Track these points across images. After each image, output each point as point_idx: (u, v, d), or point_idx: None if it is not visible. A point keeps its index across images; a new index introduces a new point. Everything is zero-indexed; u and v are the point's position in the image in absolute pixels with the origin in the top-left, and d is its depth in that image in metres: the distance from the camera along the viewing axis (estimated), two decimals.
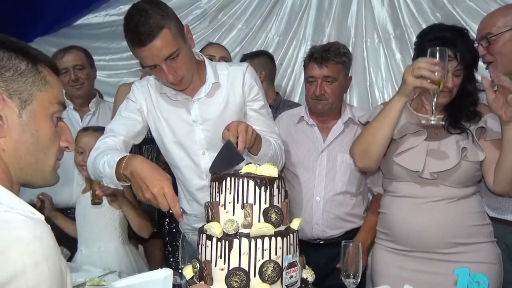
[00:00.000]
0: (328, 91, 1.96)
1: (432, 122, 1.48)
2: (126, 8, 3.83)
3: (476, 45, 1.88)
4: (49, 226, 0.78)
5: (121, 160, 1.35)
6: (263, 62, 2.73)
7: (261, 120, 1.71)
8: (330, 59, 1.94)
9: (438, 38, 1.67)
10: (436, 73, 1.43)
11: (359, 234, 1.95)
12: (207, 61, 1.70)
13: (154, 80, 1.70)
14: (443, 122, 1.55)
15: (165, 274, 1.16)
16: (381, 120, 1.61)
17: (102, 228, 2.06)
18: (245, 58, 2.81)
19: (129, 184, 1.37)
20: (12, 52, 0.84)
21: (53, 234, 0.77)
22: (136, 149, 2.34)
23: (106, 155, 1.44)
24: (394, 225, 1.71)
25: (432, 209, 1.65)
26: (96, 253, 2.02)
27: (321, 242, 2.00)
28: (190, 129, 1.66)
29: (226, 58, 2.39)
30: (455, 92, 1.67)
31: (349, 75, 2.07)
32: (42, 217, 0.79)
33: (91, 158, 1.53)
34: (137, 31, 1.42)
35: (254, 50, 3.44)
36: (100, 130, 2.06)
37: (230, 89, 1.66)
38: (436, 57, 1.45)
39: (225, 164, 1.34)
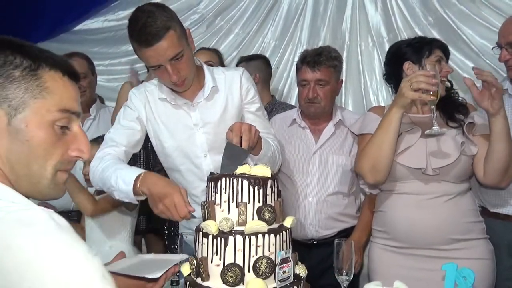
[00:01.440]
0: (320, 94, 2.01)
1: (436, 131, 1.55)
2: (124, 13, 3.92)
3: (496, 48, 1.96)
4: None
5: (137, 177, 1.41)
6: (258, 66, 2.78)
7: (258, 122, 1.73)
8: (323, 63, 1.99)
9: (417, 42, 1.78)
10: (433, 86, 1.50)
11: (354, 233, 1.98)
12: (204, 66, 1.74)
13: (151, 86, 1.73)
14: (446, 130, 1.62)
15: (180, 257, 1.33)
16: (383, 134, 1.66)
17: (115, 229, 2.09)
18: (241, 60, 2.86)
19: (145, 198, 1.43)
20: (11, 56, 0.79)
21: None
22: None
23: (117, 170, 1.48)
24: (395, 223, 1.74)
25: (431, 205, 1.69)
26: (107, 253, 2.05)
27: (314, 242, 2.03)
28: (191, 133, 1.69)
29: (211, 62, 2.39)
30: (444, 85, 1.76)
31: (340, 78, 2.11)
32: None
33: (96, 169, 1.55)
34: (144, 31, 1.45)
35: (251, 54, 3.50)
36: (99, 141, 2.10)
37: (229, 93, 1.70)
38: (434, 70, 1.53)
39: (235, 162, 1.38)
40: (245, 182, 1.25)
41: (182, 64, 1.54)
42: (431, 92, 1.52)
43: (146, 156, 2.53)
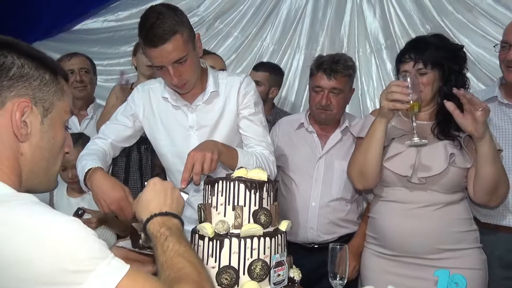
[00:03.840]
0: (333, 102, 1.99)
1: (416, 142, 1.53)
2: (124, 14, 3.94)
3: (499, 45, 1.91)
4: None
5: (88, 171, 1.51)
6: (279, 81, 2.90)
7: (251, 127, 1.72)
8: (339, 71, 1.96)
9: (408, 45, 1.75)
10: (410, 96, 1.48)
11: (353, 240, 1.98)
12: (209, 70, 1.75)
13: (156, 83, 1.76)
14: (426, 141, 1.57)
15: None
16: (369, 142, 1.66)
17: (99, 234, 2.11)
18: (261, 68, 2.93)
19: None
20: (38, 63, 0.87)
21: None
22: (135, 148, 2.38)
23: (83, 161, 1.57)
24: (383, 230, 1.74)
25: (420, 215, 1.67)
26: None
27: (315, 246, 2.03)
28: (187, 134, 1.70)
29: (224, 69, 2.44)
30: (428, 92, 1.67)
31: (352, 87, 2.10)
32: None
33: (80, 156, 1.65)
34: (151, 32, 1.48)
35: (249, 58, 3.53)
36: (79, 145, 2.06)
37: (227, 98, 1.71)
38: (407, 81, 1.50)
39: None
40: (242, 186, 1.27)
41: (185, 68, 1.56)
42: (407, 102, 1.49)
43: (139, 163, 2.52)
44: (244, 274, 1.21)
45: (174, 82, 1.57)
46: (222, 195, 1.28)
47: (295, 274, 1.33)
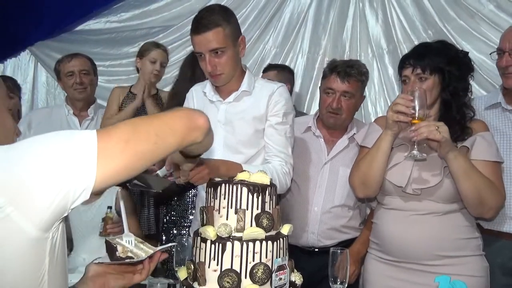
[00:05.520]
0: (344, 105, 1.98)
1: (415, 155, 1.54)
2: (127, 15, 3.94)
3: (495, 53, 1.93)
4: None
5: None
6: (289, 76, 2.95)
7: (274, 136, 1.76)
8: (353, 75, 1.97)
9: (410, 51, 1.77)
10: (416, 110, 1.51)
11: (354, 245, 1.97)
12: (248, 73, 1.84)
13: (198, 86, 1.93)
14: (425, 155, 1.58)
15: (168, 245, 1.37)
16: (374, 153, 1.67)
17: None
18: (271, 68, 2.97)
19: None
20: None
21: None
22: None
23: None
24: (384, 235, 1.74)
25: (418, 222, 1.66)
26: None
27: (315, 250, 2.02)
28: (214, 127, 1.77)
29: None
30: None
31: (363, 94, 2.10)
32: None
33: None
34: (199, 21, 1.68)
35: (251, 60, 3.53)
36: None
37: (256, 99, 1.78)
38: (415, 95, 1.52)
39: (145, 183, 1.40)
40: (244, 189, 1.27)
41: (220, 60, 1.70)
42: (411, 116, 1.52)
43: None
44: (246, 277, 1.20)
45: (208, 69, 1.71)
46: (224, 198, 1.28)
47: (297, 278, 1.33)
